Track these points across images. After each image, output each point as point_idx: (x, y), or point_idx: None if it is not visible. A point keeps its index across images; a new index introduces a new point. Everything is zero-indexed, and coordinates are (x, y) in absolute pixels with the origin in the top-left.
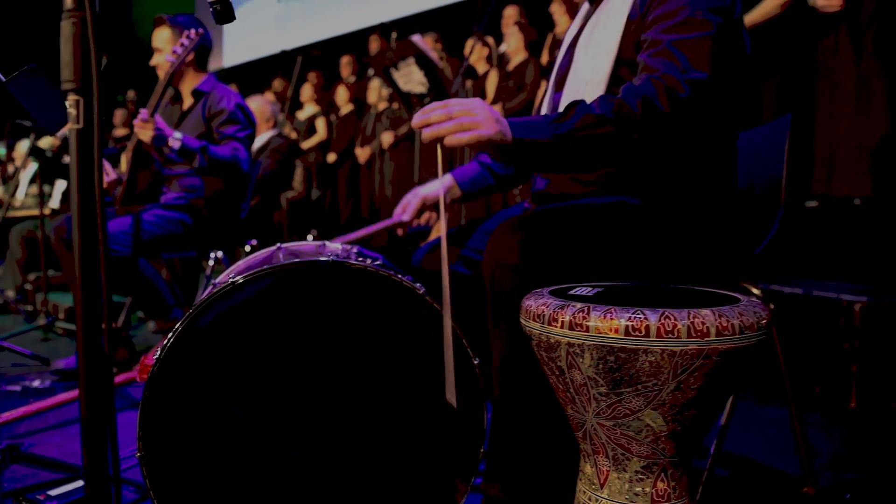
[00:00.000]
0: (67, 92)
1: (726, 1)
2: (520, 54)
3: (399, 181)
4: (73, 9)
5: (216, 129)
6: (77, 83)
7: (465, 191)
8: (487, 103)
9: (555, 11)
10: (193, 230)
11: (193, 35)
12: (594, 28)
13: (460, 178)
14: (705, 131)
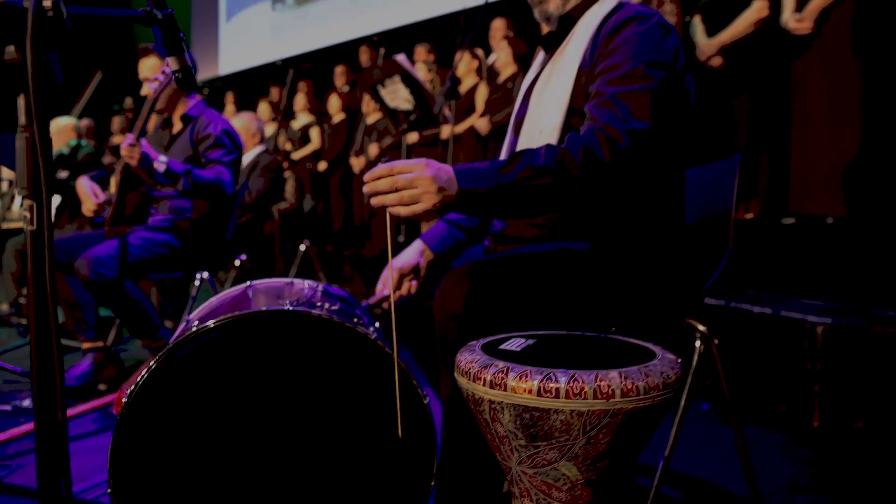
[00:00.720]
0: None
1: (668, 56)
2: (509, 67)
3: None
4: (24, 125)
5: (202, 154)
6: (30, 190)
7: (437, 252)
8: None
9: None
10: (180, 252)
11: (168, 72)
12: (549, 77)
13: (430, 240)
14: (649, 176)
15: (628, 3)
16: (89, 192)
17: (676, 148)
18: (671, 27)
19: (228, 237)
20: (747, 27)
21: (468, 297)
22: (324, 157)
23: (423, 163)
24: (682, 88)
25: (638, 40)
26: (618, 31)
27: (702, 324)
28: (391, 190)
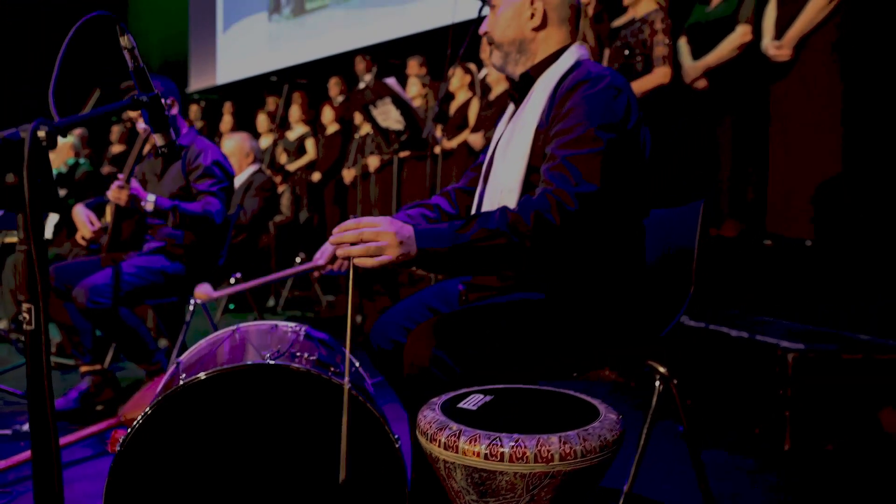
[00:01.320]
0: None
1: (617, 117)
2: (501, 84)
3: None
4: (22, 240)
5: (192, 184)
6: (27, 297)
7: None
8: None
9: None
10: (174, 278)
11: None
12: (511, 135)
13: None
14: (604, 228)
15: (584, 62)
16: (85, 219)
17: (633, 198)
18: (622, 87)
19: (221, 263)
20: (731, 51)
21: (433, 357)
22: (318, 168)
23: (387, 220)
24: (634, 145)
25: (588, 104)
26: (571, 94)
27: (662, 364)
28: (357, 242)
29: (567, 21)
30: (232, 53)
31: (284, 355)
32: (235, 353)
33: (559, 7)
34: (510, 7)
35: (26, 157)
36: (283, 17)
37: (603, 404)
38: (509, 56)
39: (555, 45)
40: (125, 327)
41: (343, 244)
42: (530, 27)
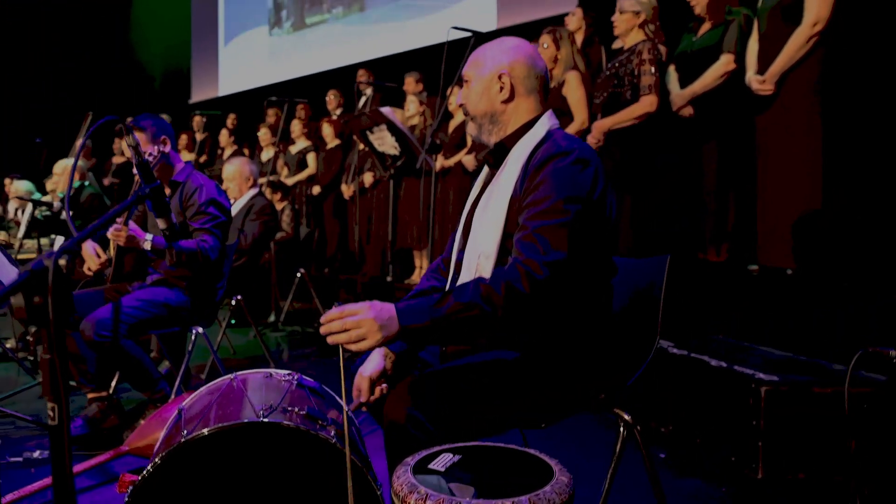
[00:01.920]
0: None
1: (584, 189)
2: None
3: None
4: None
5: (188, 221)
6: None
7: (397, 351)
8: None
9: None
10: (176, 310)
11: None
12: (488, 200)
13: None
14: (571, 289)
15: (554, 134)
16: (91, 252)
17: (599, 260)
18: (589, 159)
19: (221, 293)
20: (715, 79)
21: (408, 416)
22: (318, 182)
23: (367, 305)
24: (600, 212)
25: (557, 177)
26: (542, 167)
27: (627, 412)
28: (342, 330)
29: (535, 91)
30: (233, 66)
31: (277, 410)
32: (233, 406)
33: (526, 79)
34: (480, 82)
35: (50, 284)
36: (283, 31)
37: (559, 465)
38: (483, 127)
39: (526, 115)
40: (130, 358)
41: (331, 332)
42: (500, 100)
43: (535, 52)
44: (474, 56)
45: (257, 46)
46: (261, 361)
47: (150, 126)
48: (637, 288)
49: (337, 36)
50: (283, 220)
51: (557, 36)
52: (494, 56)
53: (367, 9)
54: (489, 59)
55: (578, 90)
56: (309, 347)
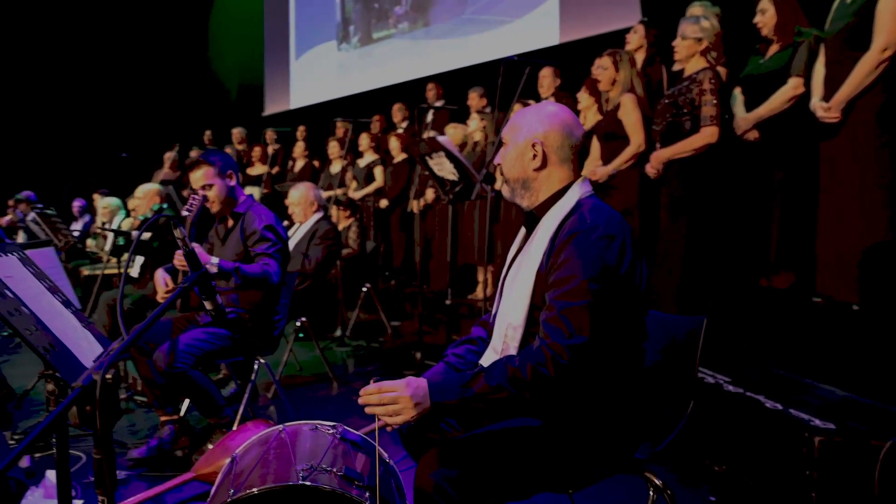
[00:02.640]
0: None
1: (609, 265)
2: None
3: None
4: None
5: (250, 248)
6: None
7: None
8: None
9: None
10: (240, 341)
11: (198, 200)
12: (519, 268)
13: (431, 378)
14: (599, 363)
15: (583, 204)
16: (161, 282)
17: (627, 332)
18: (616, 233)
19: (281, 327)
20: (782, 103)
21: (436, 486)
22: (386, 196)
23: (404, 383)
24: (628, 285)
25: (581, 256)
26: (567, 243)
27: (658, 477)
28: (380, 404)
29: (569, 161)
30: (304, 80)
31: (317, 470)
32: (278, 463)
33: (559, 149)
34: (515, 147)
35: (98, 396)
36: (351, 46)
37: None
38: (516, 191)
39: (557, 184)
40: (197, 387)
41: (370, 404)
42: (532, 167)
43: (572, 121)
44: (513, 120)
45: (326, 61)
46: (325, 379)
47: (218, 161)
48: (672, 347)
49: (402, 51)
50: (349, 236)
51: (617, 58)
52: (531, 123)
53: (432, 24)
54: (526, 125)
55: (634, 113)
56: (372, 364)
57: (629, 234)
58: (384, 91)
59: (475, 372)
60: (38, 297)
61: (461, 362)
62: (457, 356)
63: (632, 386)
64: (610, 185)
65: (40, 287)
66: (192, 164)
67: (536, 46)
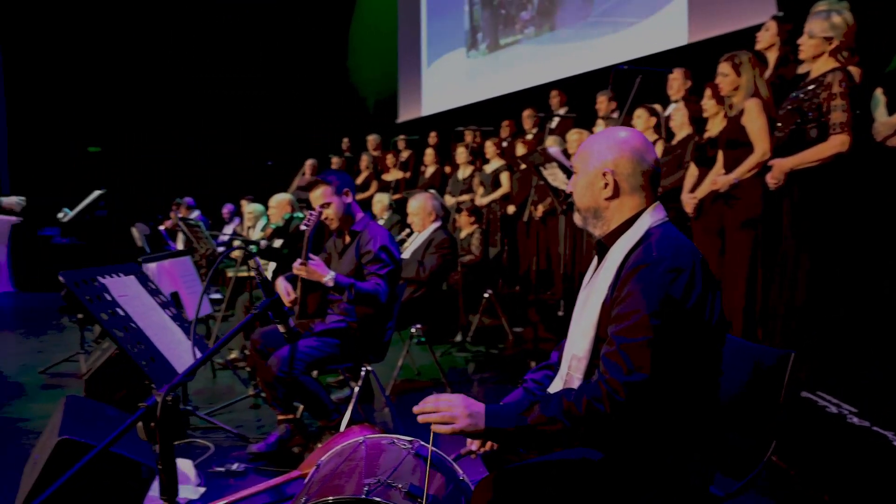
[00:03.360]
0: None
1: (673, 301)
2: (683, 129)
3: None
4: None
5: (364, 266)
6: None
7: None
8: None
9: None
10: (348, 349)
11: (314, 216)
12: (587, 298)
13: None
14: (661, 402)
15: (651, 235)
16: (283, 291)
17: (694, 366)
18: (681, 266)
19: (389, 335)
20: None
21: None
22: (512, 201)
23: (460, 396)
24: (696, 319)
25: (645, 290)
26: (631, 276)
27: None
28: (435, 412)
29: (641, 188)
30: (435, 87)
31: (382, 485)
32: (348, 476)
33: (631, 177)
34: (585, 176)
35: (158, 416)
36: (479, 52)
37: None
38: (587, 220)
39: (628, 212)
40: (307, 392)
41: (425, 413)
42: (603, 196)
43: (644, 147)
44: (583, 147)
45: (456, 68)
46: (441, 384)
47: (335, 180)
48: (755, 380)
49: (529, 56)
50: (472, 243)
51: (737, 62)
52: (601, 151)
53: (558, 28)
54: (595, 153)
55: (759, 118)
56: (489, 371)
57: (700, 265)
58: (512, 97)
59: (533, 401)
60: (148, 313)
61: (539, 388)
62: (535, 382)
63: (702, 420)
64: (732, 195)
65: (153, 303)
66: (311, 184)
67: (664, 47)
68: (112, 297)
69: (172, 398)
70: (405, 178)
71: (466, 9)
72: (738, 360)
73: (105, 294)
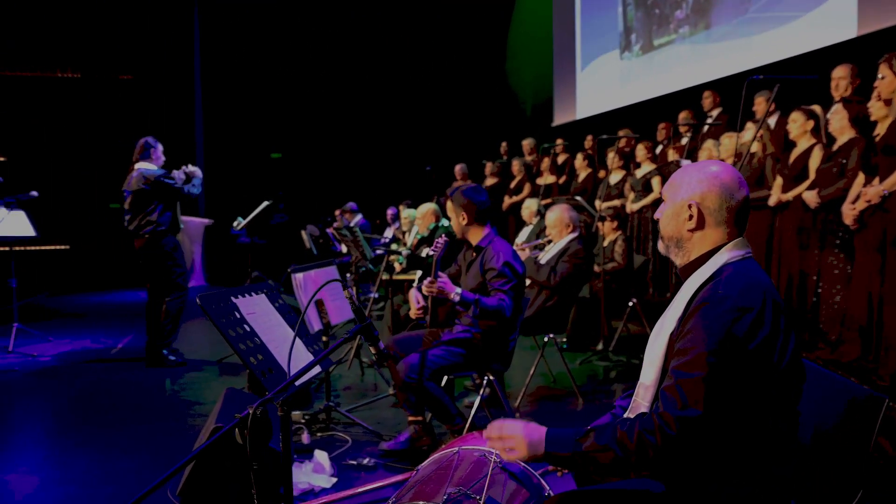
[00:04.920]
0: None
1: (735, 339)
2: (845, 133)
3: None
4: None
5: (488, 282)
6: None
7: None
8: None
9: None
10: (472, 358)
11: (441, 243)
12: (661, 328)
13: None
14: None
15: (723, 272)
16: (414, 301)
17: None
18: (749, 305)
19: (512, 346)
20: None
21: None
22: None
23: (521, 424)
24: (761, 360)
25: (706, 327)
26: (695, 312)
27: None
28: (499, 439)
29: (724, 223)
30: (589, 90)
31: (461, 496)
32: (433, 484)
33: (717, 211)
34: (672, 206)
35: (248, 427)
36: (633, 54)
37: None
38: (670, 248)
39: (708, 245)
40: (432, 397)
41: (492, 439)
42: (687, 228)
43: (733, 182)
44: (674, 177)
45: (609, 70)
46: (572, 395)
47: (461, 197)
48: (843, 423)
49: (683, 56)
50: (615, 250)
51: (894, 62)
52: (690, 183)
53: (714, 26)
54: (685, 185)
55: None
56: (627, 381)
57: (771, 306)
58: (666, 99)
59: (591, 429)
60: (273, 328)
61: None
62: (623, 409)
63: (770, 462)
64: (882, 207)
65: (279, 319)
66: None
67: (829, 41)
68: (241, 314)
69: (261, 412)
70: (558, 183)
71: (620, 10)
72: (830, 396)
73: (235, 313)
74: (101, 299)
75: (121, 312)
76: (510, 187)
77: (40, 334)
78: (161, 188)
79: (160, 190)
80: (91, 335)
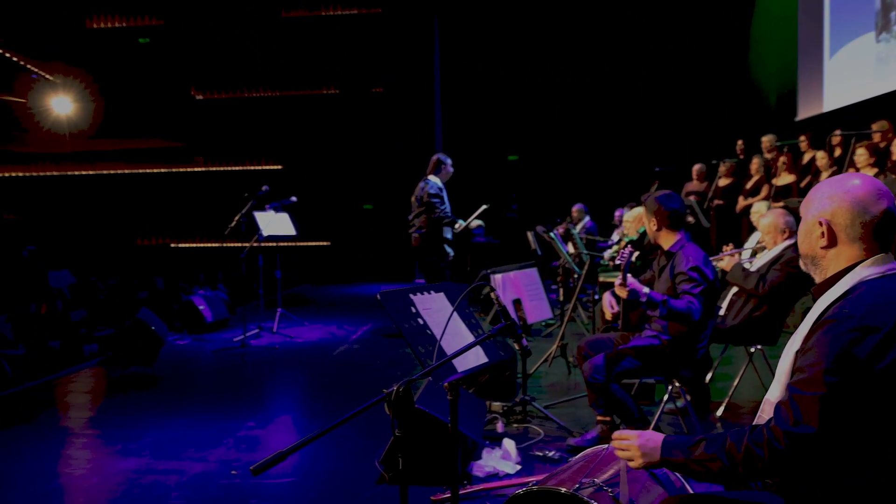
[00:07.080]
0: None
1: (857, 360)
2: None
3: None
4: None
5: (677, 286)
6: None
7: None
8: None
9: None
10: (658, 363)
11: (626, 253)
12: (791, 345)
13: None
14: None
15: (856, 290)
16: (607, 305)
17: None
18: (877, 325)
19: (700, 353)
20: None
21: None
22: None
23: (637, 434)
24: (886, 383)
25: (827, 345)
26: (818, 329)
27: None
28: (621, 449)
29: (860, 240)
30: (838, 79)
31: (594, 487)
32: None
33: (849, 228)
34: (804, 223)
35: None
36: (892, 35)
37: None
38: (808, 266)
39: (844, 263)
40: (614, 398)
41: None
42: (819, 245)
43: (869, 197)
44: (810, 193)
45: (863, 55)
46: None
47: (653, 204)
48: None
49: None
50: None
51: None
52: (821, 200)
53: None
54: (816, 201)
55: None
56: None
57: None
58: None
59: (702, 437)
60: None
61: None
62: None
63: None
64: None
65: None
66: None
67: None
68: (416, 310)
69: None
70: (798, 185)
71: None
72: None
73: (411, 308)
74: (353, 291)
75: (366, 303)
76: (746, 188)
77: (298, 319)
78: (428, 207)
79: (427, 206)
80: (337, 322)
